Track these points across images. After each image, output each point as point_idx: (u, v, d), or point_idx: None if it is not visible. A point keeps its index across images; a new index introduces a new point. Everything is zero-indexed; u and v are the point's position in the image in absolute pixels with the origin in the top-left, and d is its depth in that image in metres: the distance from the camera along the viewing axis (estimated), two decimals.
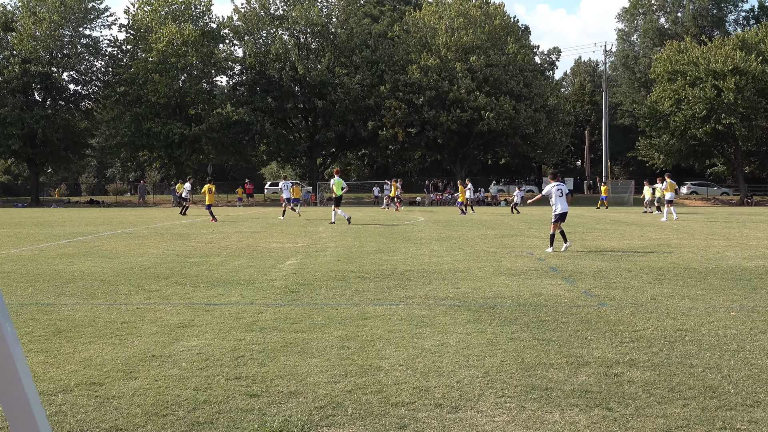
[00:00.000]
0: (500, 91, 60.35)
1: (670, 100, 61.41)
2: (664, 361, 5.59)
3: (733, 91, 55.60)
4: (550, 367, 5.40)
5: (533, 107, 60.96)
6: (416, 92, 60.58)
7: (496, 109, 57.95)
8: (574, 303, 8.28)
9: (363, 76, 61.09)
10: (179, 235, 19.77)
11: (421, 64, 60.82)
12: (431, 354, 5.84)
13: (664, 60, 62.53)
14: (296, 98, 62.65)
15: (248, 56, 62.69)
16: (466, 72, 59.74)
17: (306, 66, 61.05)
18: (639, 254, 14.05)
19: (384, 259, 13.18)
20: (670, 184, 29.39)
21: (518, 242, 17.21)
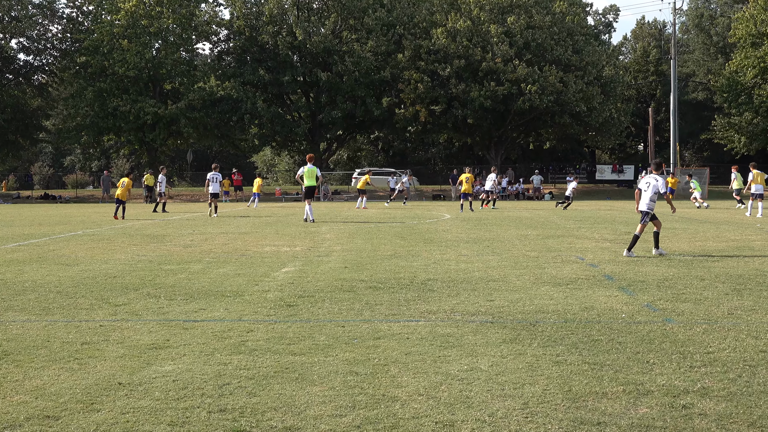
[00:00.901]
0: (544, 59, 60.17)
1: (754, 70, 61.01)
2: (744, 389, 5.58)
3: None
4: (603, 397, 5.41)
5: (585, 79, 60.72)
6: (442, 61, 60.49)
7: (539, 81, 57.78)
8: (633, 319, 8.27)
9: (377, 42, 61.08)
10: (152, 237, 19.88)
11: (447, 26, 60.73)
12: (458, 381, 5.86)
13: (746, 20, 62.11)
14: (295, 70, 62.76)
15: (236, 19, 62.87)
16: (502, 36, 59.60)
17: (307, 30, 61.15)
18: (714, 259, 13.98)
19: (401, 265, 13.20)
20: (759, 175, 29.41)
21: (565, 244, 17.18)
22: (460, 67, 59.44)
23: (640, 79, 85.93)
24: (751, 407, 5.17)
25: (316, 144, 66.95)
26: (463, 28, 60.00)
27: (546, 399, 5.37)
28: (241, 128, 63.65)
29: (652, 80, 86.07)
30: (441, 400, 5.37)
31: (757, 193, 29.45)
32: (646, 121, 78.80)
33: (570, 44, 61.16)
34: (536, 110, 59.70)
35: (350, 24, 62.77)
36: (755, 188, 29.43)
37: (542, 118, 62.86)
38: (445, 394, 5.53)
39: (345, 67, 59.86)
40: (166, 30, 60.75)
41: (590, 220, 27.00)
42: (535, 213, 33.04)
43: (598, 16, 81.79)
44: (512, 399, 5.39)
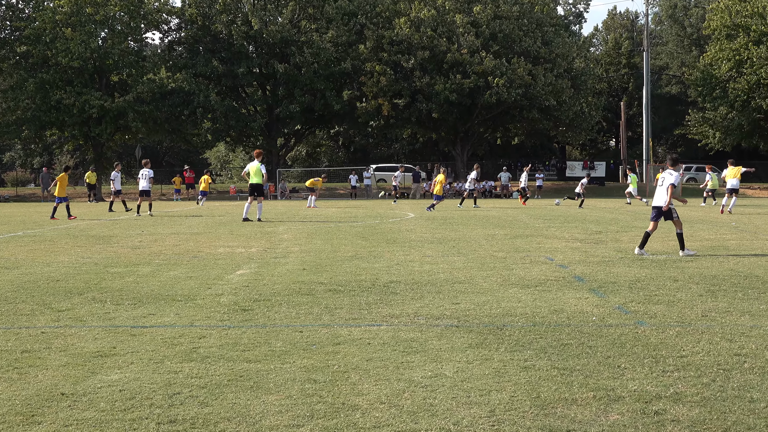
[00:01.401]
0: (512, 51, 60.49)
1: (728, 62, 61.83)
2: (718, 394, 5.65)
3: None
4: (572, 404, 5.45)
5: (555, 72, 61.13)
6: (405, 53, 60.59)
7: (507, 74, 58.08)
8: (604, 322, 8.34)
9: (337, 32, 61.04)
10: (98, 238, 19.71)
11: (411, 16, 60.85)
12: (421, 388, 5.87)
13: (721, 11, 62.93)
14: (250, 61, 62.51)
15: (188, 6, 62.52)
16: (468, 27, 59.84)
17: (263, 19, 60.96)
18: (687, 259, 14.16)
19: (362, 267, 13.21)
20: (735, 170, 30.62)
21: (534, 244, 17.30)
22: (424, 58, 59.56)
23: (611, 72, 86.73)
24: (725, 413, 5.24)
25: (273, 139, 66.75)
26: (427, 18, 60.15)
27: (513, 406, 5.40)
28: (193, 122, 63.18)
29: (624, 73, 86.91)
30: (404, 409, 5.38)
31: (732, 188, 30.33)
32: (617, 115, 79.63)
33: (539, 35, 61.52)
34: (504, 104, 59.99)
35: (309, 13, 62.67)
36: (730, 183, 30.31)
37: (510, 112, 63.19)
38: (408, 401, 5.54)
39: (303, 58, 59.72)
40: (113, 18, 60.20)
41: (560, 219, 27.20)
42: (503, 212, 33.21)
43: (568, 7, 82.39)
44: (478, 406, 5.41)
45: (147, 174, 31.47)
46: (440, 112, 60.40)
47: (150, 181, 31.58)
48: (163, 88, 57.88)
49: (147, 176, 31.46)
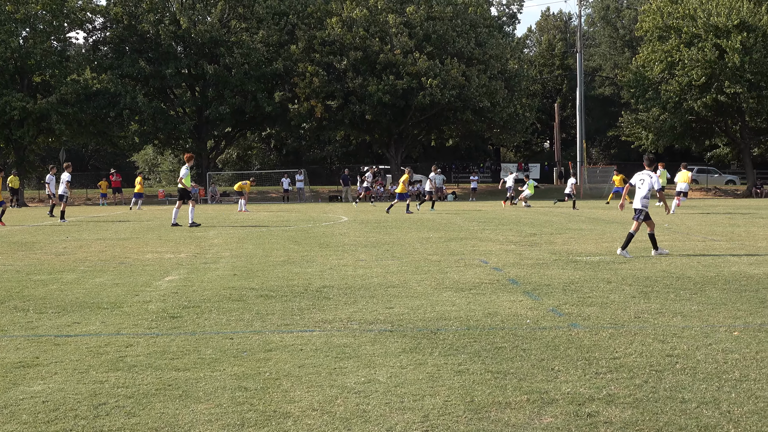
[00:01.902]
0: (446, 52, 60.88)
1: (661, 64, 62.98)
2: (650, 395, 5.76)
3: (738, 53, 57.39)
4: (506, 407, 5.50)
5: (488, 73, 61.68)
6: (338, 53, 60.60)
7: (440, 75, 58.44)
8: (538, 324, 8.44)
9: (268, 32, 60.80)
10: (20, 245, 19.35)
11: (343, 16, 60.88)
12: (355, 394, 5.88)
13: (653, 12, 64.10)
14: (179, 62, 61.92)
15: (113, 5, 61.68)
16: (401, 27, 60.08)
17: (192, 19, 60.45)
18: (621, 261, 14.39)
19: (295, 272, 13.18)
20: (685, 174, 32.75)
21: (469, 247, 17.43)
22: (357, 59, 59.63)
23: (545, 73, 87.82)
24: (657, 413, 5.34)
25: (203, 142, 66.22)
26: (359, 18, 60.23)
27: (447, 411, 5.44)
28: (119, 125, 62.29)
29: (557, 75, 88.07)
30: (336, 415, 5.39)
31: (681, 191, 31.98)
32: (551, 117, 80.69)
33: (473, 36, 62.02)
34: (438, 105, 60.33)
35: (239, 12, 62.33)
36: (680, 186, 31.94)
37: (444, 113, 63.58)
38: (340, 408, 5.54)
39: (233, 59, 59.36)
40: (35, 17, 59.09)
41: (494, 221, 27.44)
42: (437, 215, 33.39)
43: (502, 8, 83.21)
44: (412, 412, 5.44)
45: (65, 178, 30.93)
46: (374, 113, 60.52)
47: (67, 185, 31.05)
48: (88, 89, 57.02)
49: (65, 180, 30.91)
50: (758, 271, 12.66)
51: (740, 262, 14.01)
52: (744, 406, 5.48)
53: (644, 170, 16.07)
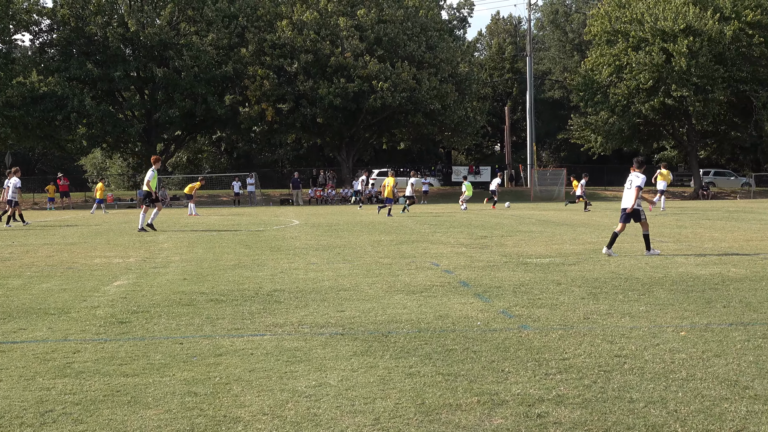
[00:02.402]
0: (397, 55, 61.03)
1: (609, 68, 63.74)
2: (599, 395, 5.82)
3: (685, 57, 58.27)
4: (457, 409, 5.52)
5: (439, 77, 61.94)
6: (288, 56, 60.46)
7: (391, 78, 58.57)
8: (489, 326, 8.49)
9: (218, 34, 60.46)
10: None
11: (294, 19, 60.77)
12: (305, 398, 5.87)
13: (601, 17, 64.86)
14: (127, 64, 61.31)
15: (60, 7, 60.91)
16: (352, 30, 60.10)
17: (140, 21, 59.90)
18: (570, 262, 14.52)
19: (246, 276, 13.12)
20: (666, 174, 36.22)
21: (420, 250, 17.48)
22: (308, 62, 59.55)
23: (495, 76, 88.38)
24: (605, 413, 5.39)
25: (153, 145, 65.61)
26: (310, 21, 60.16)
27: (398, 413, 5.45)
28: (67, 128, 61.55)
29: (508, 78, 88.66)
30: (287, 419, 5.37)
31: (662, 189, 37.21)
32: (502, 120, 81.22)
33: (423, 40, 62.26)
34: (389, 108, 60.45)
35: (188, 15, 61.91)
36: (661, 184, 37.27)
37: (395, 117, 63.74)
38: (291, 412, 5.53)
39: (183, 61, 58.95)
40: None
41: (446, 224, 27.55)
42: (389, 218, 33.44)
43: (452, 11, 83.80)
44: (363, 415, 5.44)
45: (14, 183, 30.48)
46: (325, 116, 60.48)
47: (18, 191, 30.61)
48: (35, 92, 56.31)
49: (14, 185, 30.46)
50: (704, 271, 12.85)
51: (687, 263, 14.21)
52: (690, 405, 5.55)
53: (633, 172, 16.43)
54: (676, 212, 35.71)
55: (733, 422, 5.19)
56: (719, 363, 6.76)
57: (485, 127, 77.95)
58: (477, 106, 67.59)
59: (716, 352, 7.14)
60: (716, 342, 7.56)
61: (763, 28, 60.65)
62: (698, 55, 58.89)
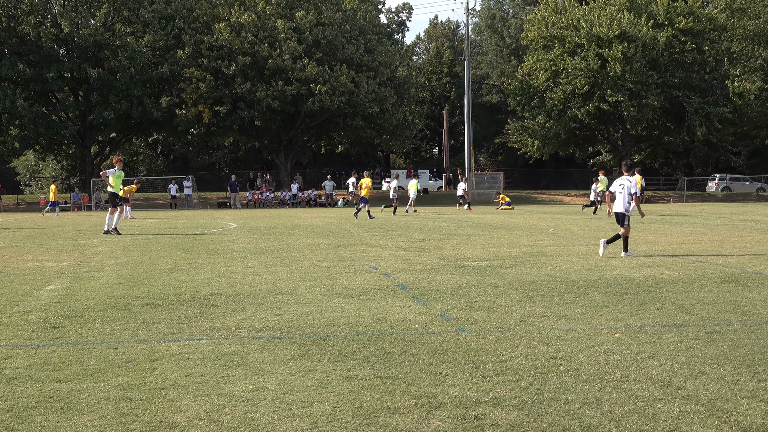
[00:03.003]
0: (335, 58, 61.03)
1: (545, 73, 64.54)
2: (535, 397, 5.87)
3: (620, 62, 59.25)
4: (395, 412, 5.53)
5: (378, 80, 62.10)
6: (226, 58, 60.11)
7: (330, 81, 58.54)
8: (426, 329, 8.51)
9: (154, 36, 59.88)
10: None
11: (231, 21, 60.42)
12: (242, 402, 5.83)
13: (538, 22, 65.64)
14: (61, 65, 60.44)
15: None
16: (290, 32, 59.96)
17: (74, 21, 59.06)
18: (507, 265, 14.64)
19: (182, 279, 12.99)
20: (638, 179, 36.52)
21: (358, 253, 17.48)
22: (245, 64, 59.29)
23: (434, 80, 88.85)
24: (541, 415, 5.44)
25: (87, 147, 64.80)
26: (248, 23, 59.91)
27: (336, 417, 5.44)
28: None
29: (446, 82, 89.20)
30: (224, 424, 5.33)
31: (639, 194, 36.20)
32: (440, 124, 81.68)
33: (362, 43, 62.37)
34: (327, 112, 60.45)
35: (124, 16, 61.25)
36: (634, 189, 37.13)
37: (334, 120, 63.75)
38: (228, 417, 5.49)
39: (119, 62, 58.29)
40: None
41: (384, 227, 27.61)
42: (327, 221, 33.41)
43: (391, 15, 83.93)
44: (300, 419, 5.42)
45: None
46: (263, 119, 60.26)
47: None
48: None
49: None
50: (638, 274, 13.05)
51: (621, 265, 14.42)
52: (625, 406, 5.63)
53: (623, 176, 16.72)
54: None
55: (666, 422, 5.27)
56: (653, 364, 6.86)
57: (423, 130, 78.33)
58: (415, 109, 67.91)
59: (650, 354, 7.25)
60: (650, 343, 7.68)
61: (696, 35, 61.98)
62: (633, 60, 59.92)
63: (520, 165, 78.53)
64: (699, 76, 63.56)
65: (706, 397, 5.82)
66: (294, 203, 60.30)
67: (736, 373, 6.50)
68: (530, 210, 46.58)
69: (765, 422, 5.24)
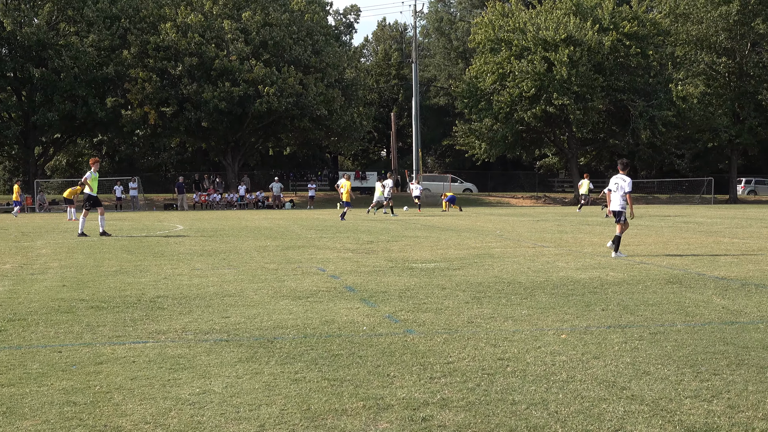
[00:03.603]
0: (283, 59, 60.85)
1: (493, 75, 64.95)
2: (482, 398, 5.91)
3: (566, 66, 59.82)
4: (343, 414, 5.53)
5: (326, 82, 62.03)
6: (172, 59, 59.61)
7: (277, 83, 58.34)
8: (374, 331, 8.53)
9: (99, 35, 59.18)
10: None
11: (177, 21, 59.95)
12: (189, 406, 5.79)
13: (485, 25, 66.02)
14: (3, 64, 59.45)
15: None
16: (238, 33, 59.65)
17: (17, 20, 58.12)
18: (455, 267, 14.71)
19: (128, 282, 12.86)
20: None
21: (306, 255, 17.45)
22: (192, 65, 58.87)
23: (382, 82, 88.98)
24: (488, 416, 5.48)
25: (30, 149, 63.80)
26: (194, 23, 59.49)
27: (283, 419, 5.43)
28: None
29: (394, 84, 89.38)
30: (170, 428, 5.29)
31: None
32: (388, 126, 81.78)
33: (310, 44, 62.26)
34: (275, 113, 60.23)
35: (68, 15, 60.43)
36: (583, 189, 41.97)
37: (281, 121, 63.53)
38: (174, 420, 5.45)
39: (63, 62, 57.50)
40: None
41: (332, 229, 27.59)
42: (275, 223, 33.29)
43: (339, 16, 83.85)
44: (248, 422, 5.40)
45: None
46: (210, 120, 59.85)
47: None
48: None
49: None
50: (584, 275, 13.19)
51: (567, 267, 14.57)
52: (570, 406, 5.69)
53: (619, 174, 16.85)
54: (557, 218, 36.59)
55: (611, 422, 5.34)
56: (598, 365, 6.94)
57: (371, 132, 78.44)
58: (363, 111, 67.96)
59: (595, 354, 7.33)
60: (595, 344, 7.77)
61: (640, 39, 62.84)
62: (578, 64, 60.56)
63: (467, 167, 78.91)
64: (643, 80, 64.42)
65: (650, 397, 5.90)
66: (241, 205, 60.02)
67: (679, 373, 6.61)
68: (477, 212, 46.87)
69: (708, 421, 5.33)
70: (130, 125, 61.44)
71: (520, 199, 67.89)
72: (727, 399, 5.85)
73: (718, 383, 6.30)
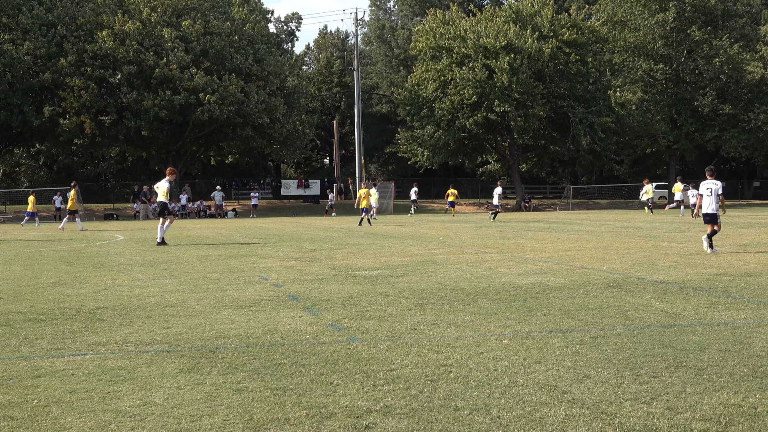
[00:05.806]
0: (224, 67, 60.57)
1: (434, 83, 65.28)
2: (425, 405, 5.93)
3: (507, 73, 60.35)
4: (285, 424, 5.52)
5: (268, 90, 61.85)
6: (110, 67, 58.99)
7: (219, 91, 58.03)
8: (317, 339, 8.52)
9: (35, 43, 58.32)
10: None
11: (115, 29, 59.33)
12: (129, 418, 5.73)
13: (426, 33, 66.37)
14: None
15: None
16: (177, 41, 59.21)
17: None
18: (398, 274, 14.74)
19: (67, 293, 12.68)
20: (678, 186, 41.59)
21: (249, 264, 17.37)
22: (131, 73, 58.30)
23: (324, 90, 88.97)
24: (432, 422, 5.50)
25: None
26: (132, 31, 58.93)
27: (226, 430, 5.40)
28: None
29: (336, 92, 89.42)
30: None
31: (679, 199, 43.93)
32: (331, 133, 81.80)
33: (251, 52, 62.06)
34: (216, 122, 59.89)
35: (3, 22, 59.48)
36: (678, 195, 44.41)
37: (223, 130, 63.19)
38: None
39: None
40: None
41: (275, 237, 27.50)
42: (217, 232, 33.08)
43: (280, 24, 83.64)
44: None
45: None
46: (150, 129, 59.32)
47: None
48: None
49: None
50: (526, 281, 13.31)
51: (510, 273, 14.69)
52: (513, 411, 5.74)
53: (709, 180, 18.50)
54: (500, 224, 36.88)
55: (552, 426, 5.39)
56: (540, 369, 7.01)
57: (314, 140, 78.29)
58: (306, 119, 67.90)
59: (537, 359, 7.40)
60: (537, 349, 7.84)
61: (579, 46, 63.68)
62: (519, 71, 61.15)
63: (410, 174, 79.16)
64: (583, 87, 65.28)
65: (591, 401, 5.97)
66: (183, 214, 59.51)
67: (619, 377, 6.70)
68: (420, 219, 47.02)
69: (647, 423, 5.41)
70: (67, 134, 60.60)
71: (464, 206, 68.23)
72: (666, 401, 5.95)
73: (657, 385, 6.40)
